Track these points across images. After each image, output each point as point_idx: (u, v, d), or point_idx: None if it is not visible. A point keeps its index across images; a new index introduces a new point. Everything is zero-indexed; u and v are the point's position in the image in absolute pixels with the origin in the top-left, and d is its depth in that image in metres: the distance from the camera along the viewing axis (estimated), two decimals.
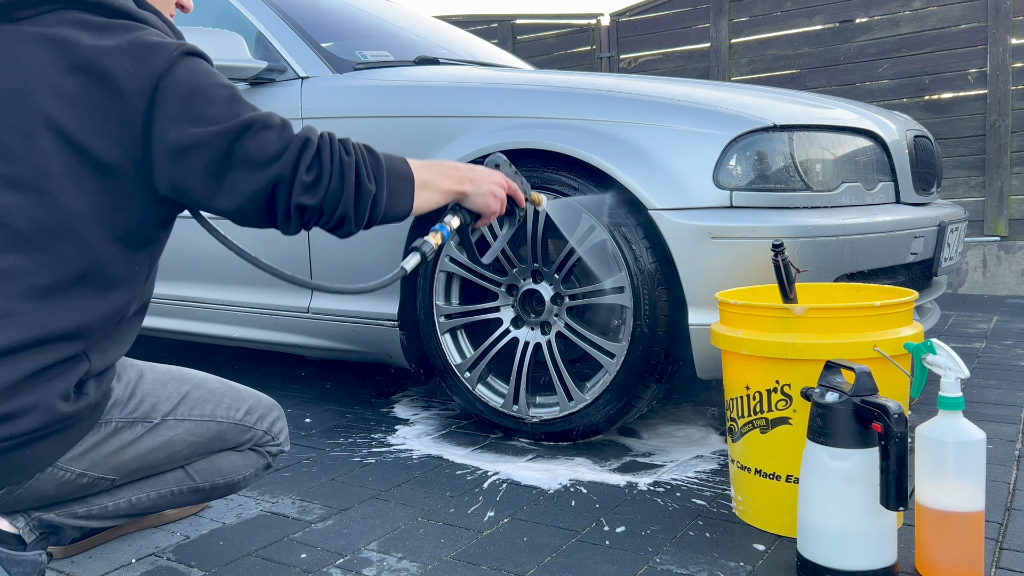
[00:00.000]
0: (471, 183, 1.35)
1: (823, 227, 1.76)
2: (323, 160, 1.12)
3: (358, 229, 1.19)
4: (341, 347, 2.29)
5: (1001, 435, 1.98)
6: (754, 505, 1.51)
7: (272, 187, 1.10)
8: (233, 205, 1.10)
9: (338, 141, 1.16)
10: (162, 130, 1.06)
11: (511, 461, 1.90)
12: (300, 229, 1.16)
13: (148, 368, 1.27)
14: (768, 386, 1.43)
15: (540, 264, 1.97)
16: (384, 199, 1.19)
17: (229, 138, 1.07)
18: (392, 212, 1.23)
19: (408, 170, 1.24)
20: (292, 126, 1.14)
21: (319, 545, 1.47)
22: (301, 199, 1.11)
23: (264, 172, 1.09)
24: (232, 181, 1.08)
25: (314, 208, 1.13)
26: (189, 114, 1.06)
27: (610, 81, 2.06)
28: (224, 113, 1.08)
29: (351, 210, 1.15)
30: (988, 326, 3.50)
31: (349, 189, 1.14)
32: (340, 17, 2.76)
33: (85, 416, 1.13)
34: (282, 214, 1.12)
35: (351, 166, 1.15)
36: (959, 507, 1.25)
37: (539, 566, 1.37)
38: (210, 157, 1.07)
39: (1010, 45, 4.48)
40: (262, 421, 1.37)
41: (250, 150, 1.08)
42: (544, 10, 11.93)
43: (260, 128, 1.09)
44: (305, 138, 1.12)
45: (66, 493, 1.18)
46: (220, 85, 1.10)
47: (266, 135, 1.09)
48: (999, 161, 4.52)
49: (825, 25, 4.95)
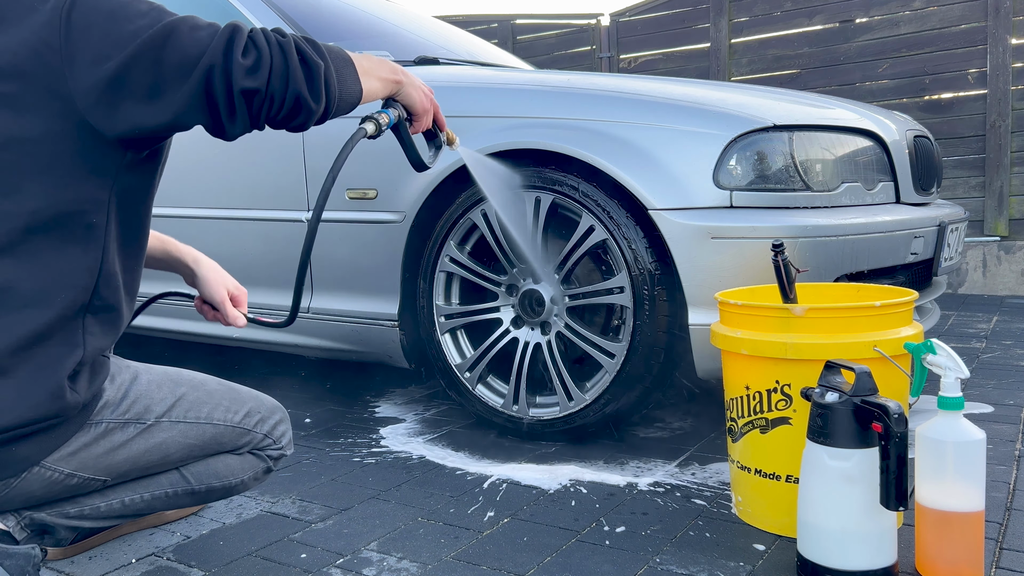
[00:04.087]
0: (404, 76, 1.28)
1: (823, 227, 1.76)
2: (259, 42, 1.04)
3: (316, 115, 1.10)
4: (341, 347, 2.29)
5: (1001, 435, 1.98)
6: (754, 505, 1.50)
7: (206, 79, 1.01)
8: (172, 115, 1.03)
9: (269, 29, 1.09)
10: (86, 63, 1.00)
11: (511, 461, 1.90)
12: (249, 124, 1.07)
13: (144, 369, 1.26)
14: (768, 386, 1.43)
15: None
16: (334, 77, 1.11)
17: (156, 45, 1.00)
18: (346, 94, 1.14)
19: (346, 54, 1.17)
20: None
21: (319, 545, 1.47)
22: (244, 83, 1.02)
23: (196, 67, 1.01)
24: (171, 91, 1.01)
25: (261, 92, 1.03)
26: (113, 38, 1.00)
27: (610, 81, 2.06)
28: (147, 25, 1.01)
29: (304, 89, 1.06)
30: (988, 326, 3.50)
31: (295, 65, 1.05)
32: (340, 17, 2.76)
33: (74, 416, 1.11)
34: (225, 106, 1.03)
35: (290, 44, 1.07)
36: (959, 507, 1.25)
37: (539, 566, 1.37)
38: (145, 73, 1.00)
39: (1010, 45, 4.48)
40: (263, 424, 1.36)
41: (183, 51, 1.01)
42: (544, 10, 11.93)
43: (189, 27, 1.02)
44: (234, 24, 1.05)
45: (55, 493, 1.16)
46: (138, 0, 1.04)
47: (196, 33, 1.02)
48: (999, 161, 4.52)
49: (825, 25, 4.95)
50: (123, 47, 1.00)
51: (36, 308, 1.04)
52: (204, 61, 1.01)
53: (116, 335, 1.16)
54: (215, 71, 1.01)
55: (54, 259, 1.05)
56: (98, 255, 1.09)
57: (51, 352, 1.06)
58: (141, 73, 1.01)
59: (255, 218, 2.34)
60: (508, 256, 2.00)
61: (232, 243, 2.37)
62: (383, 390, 2.64)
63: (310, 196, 2.24)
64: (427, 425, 2.22)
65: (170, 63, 1.01)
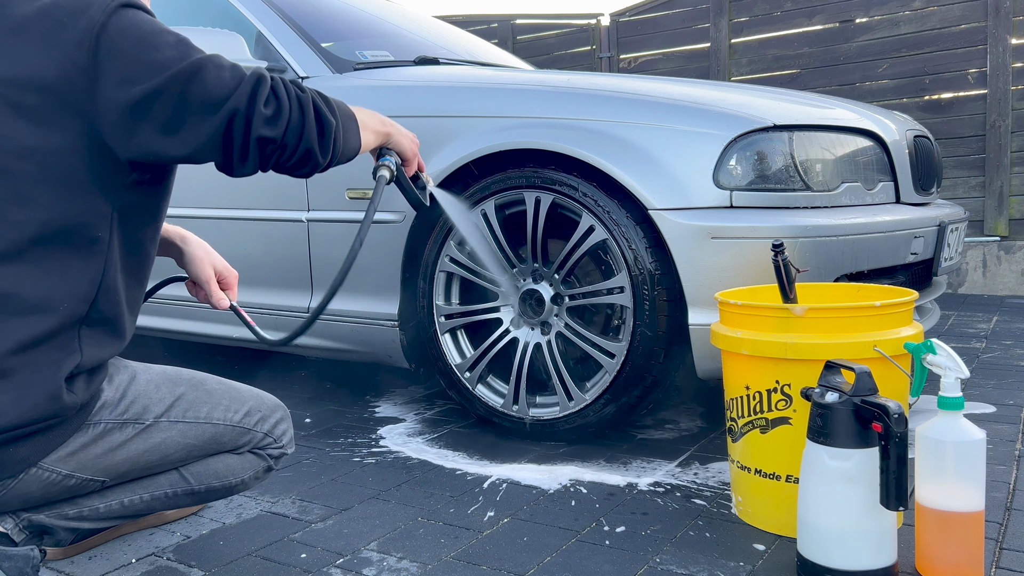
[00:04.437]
0: (392, 127, 1.38)
1: (823, 227, 1.76)
2: (280, 94, 1.11)
3: (321, 167, 1.18)
4: (341, 347, 2.29)
5: (1001, 435, 1.98)
6: (754, 505, 1.51)
7: (228, 122, 1.07)
8: (191, 149, 1.08)
9: (288, 80, 1.16)
10: (111, 86, 1.03)
11: (511, 461, 1.90)
12: (258, 168, 1.13)
13: (142, 369, 1.25)
14: (768, 386, 1.43)
15: (540, 264, 1.97)
16: (342, 134, 1.20)
17: (183, 80, 1.05)
18: (348, 148, 1.23)
19: (350, 110, 1.26)
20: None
21: (319, 545, 1.47)
22: (263, 131, 1.09)
23: (221, 109, 1.06)
24: (191, 125, 1.06)
25: (277, 141, 1.11)
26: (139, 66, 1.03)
27: (610, 81, 2.06)
28: (175, 58, 1.05)
29: (315, 144, 1.15)
30: (988, 326, 3.50)
31: (311, 121, 1.13)
32: (340, 17, 2.76)
33: (71, 417, 1.11)
34: (239, 149, 1.09)
35: (308, 100, 1.14)
36: (959, 507, 1.25)
37: (539, 566, 1.37)
38: (167, 105, 1.05)
39: (1010, 45, 4.48)
40: (263, 423, 1.35)
41: (206, 90, 1.06)
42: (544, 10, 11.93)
43: (214, 67, 1.07)
44: (260, 73, 1.11)
45: (54, 494, 1.16)
46: (166, 31, 1.08)
47: (220, 73, 1.07)
48: (999, 161, 4.52)
49: (825, 25, 4.95)
50: (150, 76, 1.04)
51: (38, 315, 1.05)
52: (229, 105, 1.06)
53: (117, 348, 1.17)
54: (238, 116, 1.07)
55: (58, 269, 1.07)
56: (100, 268, 1.11)
57: (50, 356, 1.06)
58: (165, 105, 1.05)
59: (255, 218, 2.34)
60: (508, 256, 2.00)
61: (232, 243, 2.37)
62: (383, 390, 2.64)
63: (310, 196, 2.24)
64: (427, 425, 2.22)
65: (194, 100, 1.05)
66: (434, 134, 2.05)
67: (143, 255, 1.19)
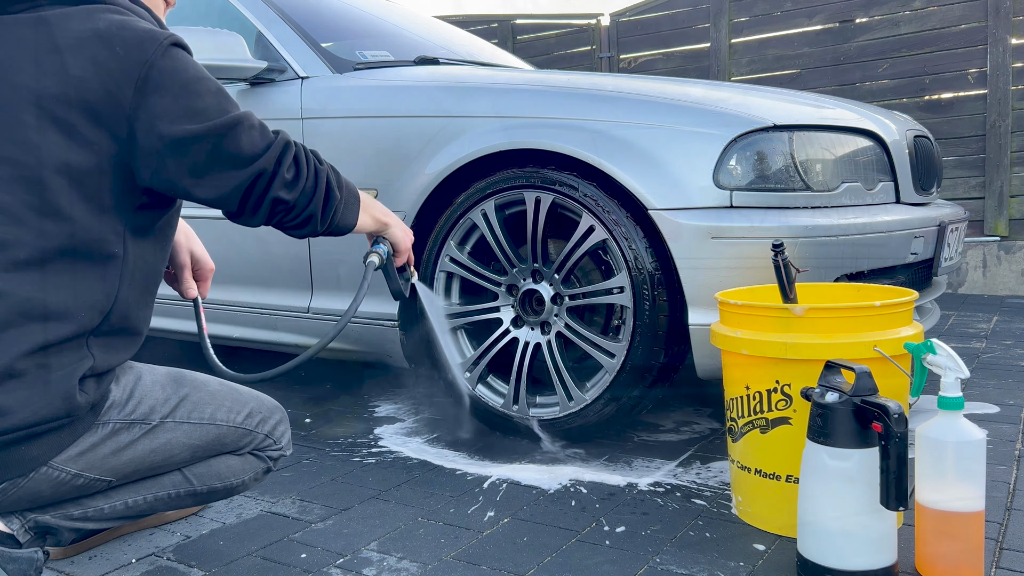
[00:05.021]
0: (392, 218, 1.47)
1: (823, 227, 1.76)
2: (301, 162, 1.23)
3: (317, 233, 1.29)
4: (341, 347, 2.29)
5: (1001, 435, 1.98)
6: (754, 505, 1.51)
7: (253, 180, 1.17)
8: (214, 195, 1.18)
9: (309, 150, 1.27)
10: (152, 120, 1.10)
11: (511, 461, 1.90)
12: (264, 222, 1.24)
13: (147, 370, 1.27)
14: (768, 386, 1.43)
15: (540, 264, 1.97)
16: (342, 208, 1.31)
17: (220, 133, 1.14)
18: (344, 223, 1.33)
19: (357, 192, 1.37)
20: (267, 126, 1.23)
21: (319, 545, 1.47)
22: (279, 193, 1.20)
23: (249, 167, 1.17)
24: (218, 174, 1.15)
25: (288, 204, 1.22)
26: (181, 107, 1.11)
27: (610, 81, 2.06)
28: (215, 108, 1.14)
29: (319, 211, 1.26)
30: (988, 326, 3.50)
31: (321, 192, 1.25)
32: (340, 17, 2.76)
33: (82, 416, 1.13)
34: (253, 205, 1.20)
35: (324, 172, 1.27)
36: (959, 507, 1.25)
37: (539, 566, 1.37)
38: (201, 151, 1.13)
39: (1010, 45, 4.48)
40: (263, 424, 1.36)
41: (239, 146, 1.16)
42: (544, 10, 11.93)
43: (247, 126, 1.17)
44: (287, 140, 1.22)
45: (62, 494, 1.18)
46: (208, 79, 1.16)
47: (252, 133, 1.17)
48: (999, 161, 4.52)
49: (825, 25, 4.95)
50: (190, 120, 1.12)
51: (56, 322, 1.09)
52: (258, 165, 1.17)
53: (128, 354, 1.22)
54: (263, 176, 1.18)
55: (78, 281, 1.11)
56: (115, 283, 1.15)
57: (64, 360, 1.10)
58: (199, 151, 1.13)
59: None
60: (508, 256, 2.00)
61: (232, 243, 2.37)
62: (383, 390, 2.64)
63: None
64: (427, 425, 2.22)
65: (225, 154, 1.15)
66: (434, 134, 2.05)
67: (153, 271, 1.24)
